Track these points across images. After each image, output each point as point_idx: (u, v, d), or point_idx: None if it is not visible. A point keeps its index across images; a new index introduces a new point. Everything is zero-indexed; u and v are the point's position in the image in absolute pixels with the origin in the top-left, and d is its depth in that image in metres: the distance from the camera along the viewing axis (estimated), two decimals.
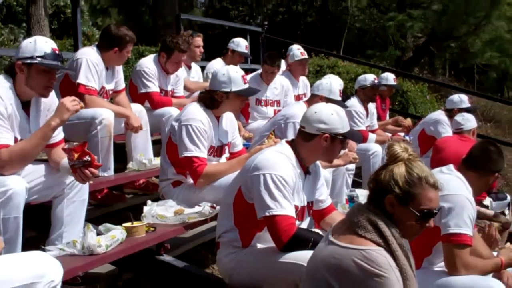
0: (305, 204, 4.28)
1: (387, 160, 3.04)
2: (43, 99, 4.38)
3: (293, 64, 8.93)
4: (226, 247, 4.23)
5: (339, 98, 6.31)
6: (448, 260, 4.06)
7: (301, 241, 3.89)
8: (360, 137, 5.09)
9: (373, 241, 2.85)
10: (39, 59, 4.18)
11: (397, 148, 3.00)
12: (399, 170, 2.95)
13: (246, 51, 9.20)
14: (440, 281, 4.05)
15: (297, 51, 8.86)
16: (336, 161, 5.60)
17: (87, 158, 4.14)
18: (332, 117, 4.18)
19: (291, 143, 4.28)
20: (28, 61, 4.18)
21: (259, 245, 4.18)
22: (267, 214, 3.92)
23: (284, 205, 3.92)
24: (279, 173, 3.97)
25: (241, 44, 9.08)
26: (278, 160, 4.06)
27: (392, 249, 2.84)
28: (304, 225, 4.31)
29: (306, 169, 4.27)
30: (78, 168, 4.15)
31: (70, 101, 4.21)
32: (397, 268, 2.82)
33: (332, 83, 6.40)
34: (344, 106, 5.58)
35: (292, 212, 3.96)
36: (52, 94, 4.47)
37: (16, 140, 4.15)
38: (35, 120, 4.35)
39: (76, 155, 4.14)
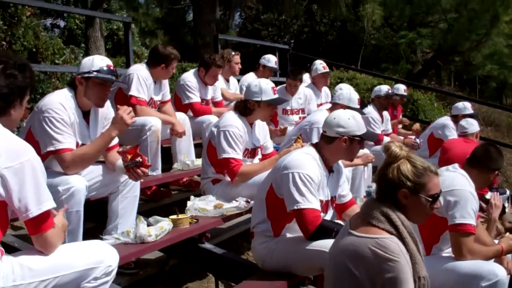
0: (329, 198, 4.27)
1: (388, 160, 3.00)
2: (100, 109, 4.42)
3: (316, 77, 8.92)
4: (259, 237, 4.24)
5: (358, 106, 6.27)
6: (455, 247, 4.03)
7: (326, 231, 3.89)
8: (376, 137, 5.07)
9: (385, 230, 2.83)
10: (95, 73, 4.22)
11: (395, 148, 2.97)
12: (406, 166, 2.92)
13: (275, 66, 9.23)
14: (448, 265, 4.02)
15: (319, 65, 8.85)
16: (356, 161, 5.58)
17: (139, 159, 4.17)
18: (349, 121, 4.18)
19: (316, 145, 4.27)
20: (86, 75, 4.22)
21: (289, 235, 4.17)
22: (295, 207, 3.93)
23: (311, 200, 3.92)
24: (306, 171, 3.98)
25: (271, 60, 9.12)
26: (305, 160, 4.07)
27: (403, 236, 2.83)
28: (328, 217, 4.29)
29: (330, 168, 4.26)
30: (131, 168, 4.18)
31: (127, 114, 4.24)
32: (407, 254, 2.81)
33: (351, 93, 6.34)
34: (362, 113, 5.54)
35: (317, 206, 3.97)
36: (108, 104, 4.51)
37: (77, 144, 4.18)
38: (94, 127, 4.39)
39: (129, 157, 4.18)
